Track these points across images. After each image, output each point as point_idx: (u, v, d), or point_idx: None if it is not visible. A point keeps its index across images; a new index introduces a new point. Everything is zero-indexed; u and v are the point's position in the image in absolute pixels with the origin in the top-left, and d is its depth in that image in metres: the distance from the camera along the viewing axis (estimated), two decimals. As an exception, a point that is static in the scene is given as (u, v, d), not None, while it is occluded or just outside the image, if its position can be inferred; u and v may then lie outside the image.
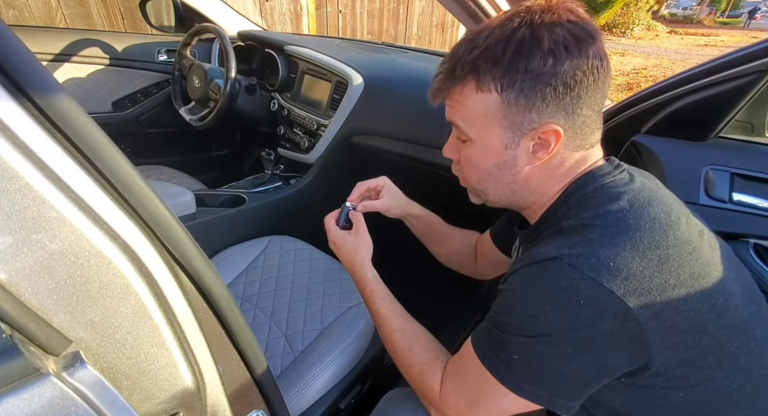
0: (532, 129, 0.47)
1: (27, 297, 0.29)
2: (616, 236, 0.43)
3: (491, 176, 0.53)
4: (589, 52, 0.43)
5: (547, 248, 0.45)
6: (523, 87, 0.44)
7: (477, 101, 0.47)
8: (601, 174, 0.50)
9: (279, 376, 0.77)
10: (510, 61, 0.44)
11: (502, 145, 0.49)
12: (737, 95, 0.73)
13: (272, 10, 3.07)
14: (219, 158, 1.89)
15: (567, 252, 0.43)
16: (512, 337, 0.45)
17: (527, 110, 0.46)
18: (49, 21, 2.02)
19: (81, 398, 0.30)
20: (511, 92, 0.45)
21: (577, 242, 0.44)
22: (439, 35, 4.94)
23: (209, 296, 0.40)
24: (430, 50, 1.57)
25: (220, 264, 1.00)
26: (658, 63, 7.51)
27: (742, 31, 15.51)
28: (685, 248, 0.44)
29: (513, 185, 0.53)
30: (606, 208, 0.46)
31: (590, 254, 0.42)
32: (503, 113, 0.47)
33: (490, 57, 0.45)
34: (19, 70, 0.27)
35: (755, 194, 0.75)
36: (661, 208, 0.46)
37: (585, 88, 0.45)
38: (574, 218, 0.47)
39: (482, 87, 0.46)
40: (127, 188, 0.33)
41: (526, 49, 0.43)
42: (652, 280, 0.41)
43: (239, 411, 0.48)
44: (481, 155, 0.51)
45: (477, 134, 0.50)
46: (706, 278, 0.44)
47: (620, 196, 0.47)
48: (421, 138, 1.11)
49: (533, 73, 0.44)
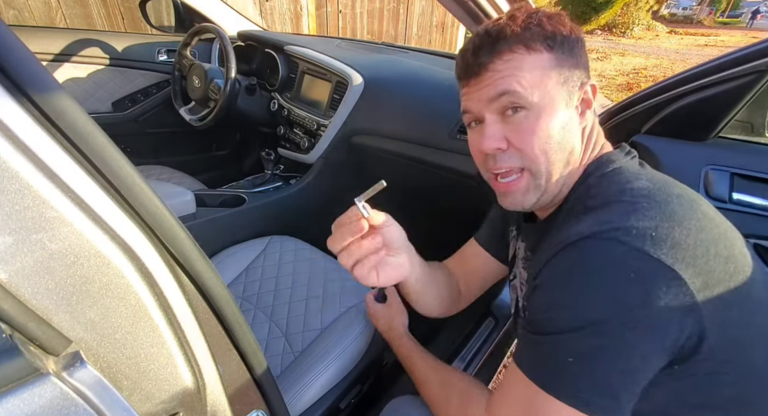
0: (580, 84, 0.50)
1: (27, 297, 0.29)
2: (648, 209, 0.41)
3: (557, 142, 0.49)
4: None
5: (577, 227, 0.43)
6: (564, 46, 0.48)
7: (532, 61, 0.48)
8: (616, 158, 0.51)
9: (279, 376, 0.77)
10: (551, 27, 0.48)
11: (564, 101, 0.49)
12: (737, 95, 0.73)
13: (272, 10, 3.08)
14: (219, 158, 1.89)
15: (603, 228, 0.40)
16: (559, 336, 0.41)
17: (574, 66, 0.49)
18: (49, 21, 2.02)
19: (81, 398, 0.30)
20: (559, 50, 0.48)
21: (610, 218, 0.41)
22: (439, 35, 4.94)
23: (209, 296, 0.40)
24: (430, 50, 1.57)
25: (220, 264, 1.00)
26: (658, 63, 7.51)
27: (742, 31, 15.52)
28: (712, 221, 0.43)
29: (571, 156, 0.51)
30: (630, 185, 0.45)
31: (630, 227, 0.39)
32: (557, 69, 0.48)
33: (532, 24, 0.48)
34: (19, 70, 0.28)
35: (755, 194, 0.75)
36: (680, 187, 0.46)
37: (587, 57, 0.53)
38: (598, 197, 0.46)
39: (532, 47, 0.48)
40: (127, 188, 0.33)
41: (557, 20, 0.49)
42: (696, 248, 0.39)
43: (239, 411, 0.48)
44: (545, 117, 0.48)
45: (538, 95, 0.48)
46: (733, 249, 0.42)
47: (640, 175, 0.47)
48: (421, 138, 1.11)
49: (569, 38, 0.49)
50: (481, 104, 0.51)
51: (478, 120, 0.53)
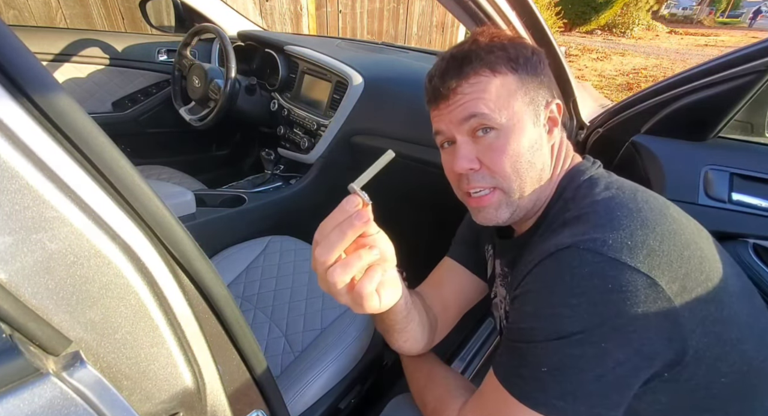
0: (545, 103, 0.53)
1: (27, 297, 0.29)
2: (622, 218, 0.43)
3: (527, 161, 0.50)
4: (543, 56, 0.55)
5: (557, 239, 0.44)
6: (527, 68, 0.51)
7: (497, 83, 0.50)
8: (586, 168, 0.53)
9: (279, 376, 0.77)
10: (513, 49, 0.51)
11: (531, 121, 0.51)
12: (737, 95, 0.73)
13: (272, 10, 3.08)
14: (219, 158, 1.89)
15: (581, 239, 0.41)
16: (538, 345, 0.41)
17: (539, 86, 0.52)
18: (49, 21, 2.02)
19: (81, 398, 0.30)
20: (523, 71, 0.50)
21: (587, 229, 0.43)
22: (439, 35, 4.94)
23: (209, 296, 0.40)
24: (430, 50, 1.57)
25: (220, 264, 1.00)
26: (658, 63, 7.51)
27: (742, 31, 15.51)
28: (681, 224, 0.45)
29: (542, 173, 0.52)
30: (601, 196, 0.47)
31: (606, 237, 0.41)
32: (523, 90, 0.51)
33: (496, 47, 0.50)
34: (19, 70, 0.28)
35: (755, 194, 0.75)
36: (647, 194, 0.48)
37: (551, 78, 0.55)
38: (574, 209, 0.48)
39: (497, 70, 0.50)
40: (127, 188, 0.33)
41: (518, 43, 0.52)
42: (672, 253, 0.41)
43: (239, 411, 0.48)
44: (514, 137, 0.49)
45: (506, 116, 0.49)
46: (705, 249, 0.45)
47: (608, 185, 0.49)
48: (421, 138, 1.11)
49: (531, 60, 0.51)
50: (451, 125, 0.52)
51: (450, 141, 0.55)
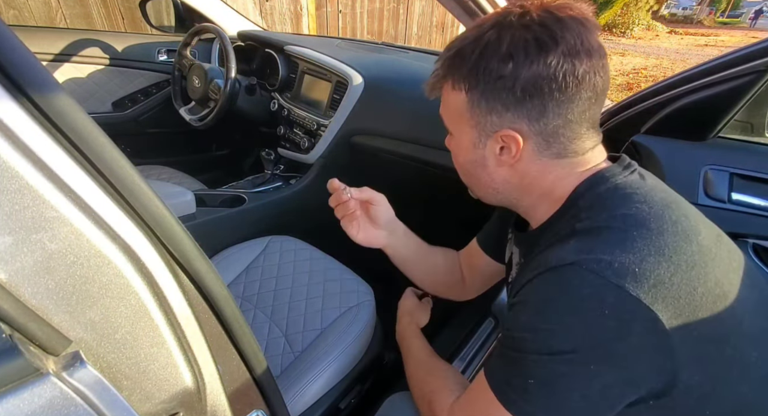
0: (494, 132, 0.47)
1: (27, 297, 0.29)
2: (638, 239, 0.40)
3: (468, 172, 0.54)
4: (550, 59, 0.41)
5: (561, 252, 0.42)
6: (485, 89, 0.45)
7: (452, 98, 0.49)
8: (612, 175, 0.47)
9: (279, 376, 0.77)
10: (474, 62, 0.44)
11: (472, 143, 0.50)
12: (737, 95, 0.73)
13: (272, 10, 3.08)
14: (219, 158, 1.89)
15: (586, 257, 0.40)
16: (528, 356, 0.41)
17: (488, 112, 0.46)
18: (49, 21, 2.02)
19: (81, 398, 0.30)
20: (475, 93, 0.46)
21: (595, 246, 0.40)
22: (439, 35, 4.94)
23: (209, 296, 0.40)
24: (430, 50, 1.57)
25: (220, 264, 1.00)
26: (658, 63, 7.51)
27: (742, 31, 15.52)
28: (708, 254, 0.41)
29: (493, 184, 0.52)
30: (623, 210, 0.43)
31: (613, 260, 0.39)
32: (470, 113, 0.48)
33: (460, 57, 0.46)
34: (19, 70, 0.28)
35: (754, 194, 0.75)
36: (680, 211, 0.43)
37: (549, 96, 0.43)
38: (587, 220, 0.44)
39: (455, 86, 0.48)
40: (127, 188, 0.33)
41: (488, 51, 0.43)
42: (681, 287, 0.38)
43: (239, 411, 0.48)
44: (458, 149, 0.53)
45: (453, 129, 0.53)
46: (726, 285, 0.42)
47: (636, 197, 0.44)
48: (421, 138, 1.11)
49: (492, 76, 0.44)
50: None
51: None
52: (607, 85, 0.46)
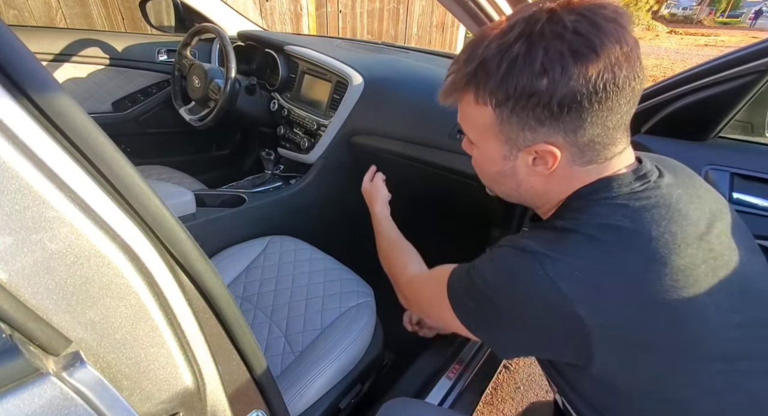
0: (527, 146, 0.46)
1: (27, 297, 0.29)
2: (595, 249, 0.42)
3: (495, 180, 0.54)
4: (590, 71, 0.39)
5: (532, 241, 0.46)
6: (516, 106, 0.42)
7: (476, 112, 0.47)
8: (619, 184, 0.46)
9: (279, 376, 0.77)
10: (503, 77, 0.41)
11: (501, 156, 0.49)
12: (737, 95, 0.73)
13: (272, 10, 3.08)
14: (219, 158, 1.89)
15: (542, 251, 0.44)
16: (476, 291, 0.49)
17: (521, 129, 0.44)
18: (49, 21, 2.02)
19: (81, 398, 0.30)
20: (504, 109, 0.44)
21: (555, 246, 0.44)
22: (439, 35, 4.94)
23: (209, 296, 0.40)
24: (430, 50, 1.57)
25: (220, 264, 1.00)
26: (658, 63, 7.51)
27: (742, 31, 15.52)
28: (672, 276, 0.40)
29: (519, 190, 0.53)
30: (604, 220, 0.44)
31: (561, 260, 0.43)
32: (498, 128, 0.46)
33: (485, 71, 0.43)
34: (19, 70, 0.28)
35: (755, 194, 0.75)
36: (668, 228, 0.42)
37: (587, 109, 0.41)
38: (568, 220, 0.46)
39: (479, 100, 0.45)
40: (127, 188, 0.33)
41: (519, 66, 0.40)
42: (615, 300, 0.41)
43: (239, 411, 0.48)
44: (484, 160, 0.53)
45: (478, 141, 0.51)
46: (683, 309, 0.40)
47: (624, 211, 0.43)
48: (421, 138, 1.11)
49: (525, 92, 0.41)
50: None
51: None
52: (644, 84, 0.44)
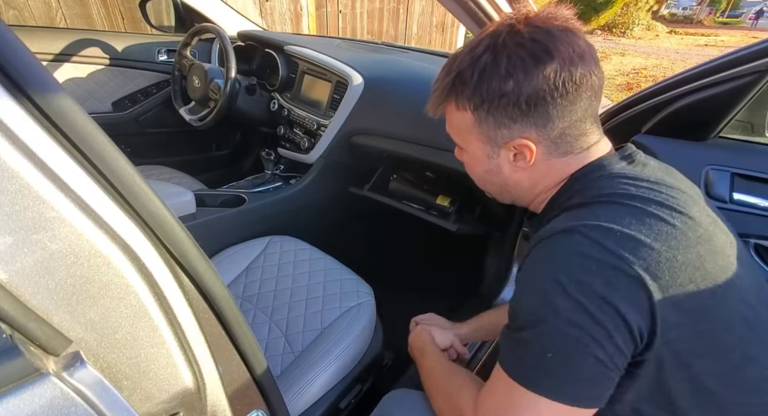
0: (505, 143, 0.51)
1: (27, 297, 0.29)
2: (622, 209, 0.44)
3: (484, 179, 0.59)
4: (548, 71, 0.45)
5: (553, 224, 0.47)
6: (490, 107, 0.49)
7: (458, 118, 0.53)
8: (609, 163, 0.50)
9: (279, 376, 0.77)
10: (476, 84, 0.48)
11: (485, 155, 0.54)
12: (737, 95, 0.73)
13: (272, 10, 3.08)
14: (219, 158, 1.89)
15: (575, 223, 0.44)
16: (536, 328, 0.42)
17: (497, 127, 0.50)
18: (49, 21, 2.02)
19: (81, 398, 0.30)
20: (481, 111, 0.50)
21: (583, 216, 0.45)
22: (439, 35, 4.94)
23: (209, 296, 0.40)
24: (430, 50, 1.57)
25: (220, 264, 1.00)
26: (658, 63, 7.51)
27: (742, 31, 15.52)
28: (694, 230, 0.44)
29: (506, 187, 0.57)
30: (612, 190, 0.47)
31: (598, 225, 0.43)
32: (479, 129, 0.52)
33: (461, 81, 0.50)
34: (19, 70, 0.27)
35: (756, 194, 0.75)
36: (670, 192, 0.47)
37: (552, 104, 0.47)
38: (578, 198, 0.49)
39: (459, 106, 0.52)
40: (127, 188, 0.33)
41: (488, 73, 0.47)
42: (661, 254, 0.41)
43: (239, 411, 0.48)
44: (472, 162, 0.58)
45: (464, 145, 0.56)
46: (711, 264, 0.43)
47: (627, 180, 0.48)
48: (421, 138, 1.11)
49: (496, 95, 0.47)
50: None
51: None
52: (603, 81, 0.50)
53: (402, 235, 1.52)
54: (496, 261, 1.35)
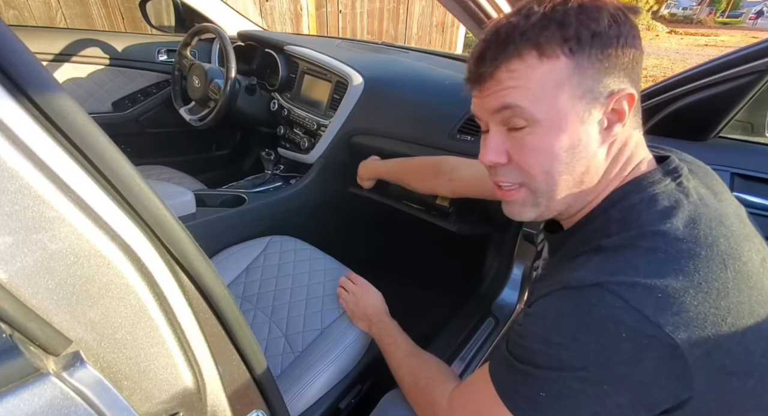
0: (608, 95, 0.42)
1: (27, 297, 0.29)
2: (666, 263, 0.38)
3: (564, 163, 0.44)
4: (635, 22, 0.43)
5: (583, 272, 0.40)
6: (593, 49, 0.40)
7: (544, 70, 0.41)
8: (651, 182, 0.44)
9: (279, 376, 0.77)
10: (577, 23, 0.40)
11: (578, 118, 0.42)
12: (737, 95, 0.73)
13: (272, 10, 3.08)
14: (219, 158, 1.89)
15: (608, 279, 0.38)
16: (539, 370, 0.40)
17: (602, 74, 0.41)
18: (49, 21, 2.02)
19: (81, 398, 0.30)
20: (582, 55, 0.40)
21: (619, 268, 0.39)
22: (439, 35, 4.94)
23: (209, 296, 0.40)
24: (430, 50, 1.57)
25: (220, 264, 1.00)
26: (658, 63, 7.51)
27: (742, 31, 15.52)
28: (746, 282, 0.39)
29: (584, 177, 0.45)
30: (655, 228, 0.40)
31: (636, 283, 0.37)
32: (577, 79, 0.41)
33: (552, 22, 0.40)
34: (19, 70, 0.27)
35: (756, 194, 0.75)
36: (720, 230, 0.40)
37: (639, 54, 0.42)
38: (615, 236, 0.42)
39: (547, 53, 0.41)
40: (127, 188, 0.33)
41: (590, 11, 0.40)
42: (708, 317, 0.36)
43: (239, 411, 0.48)
44: (554, 136, 0.43)
45: (547, 110, 0.42)
46: (763, 317, 0.39)
47: (672, 212, 0.41)
48: (422, 138, 1.11)
49: (602, 35, 0.40)
50: (486, 113, 0.46)
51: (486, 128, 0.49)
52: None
53: (402, 235, 1.52)
54: (496, 261, 1.34)
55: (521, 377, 0.42)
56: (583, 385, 0.38)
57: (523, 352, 0.43)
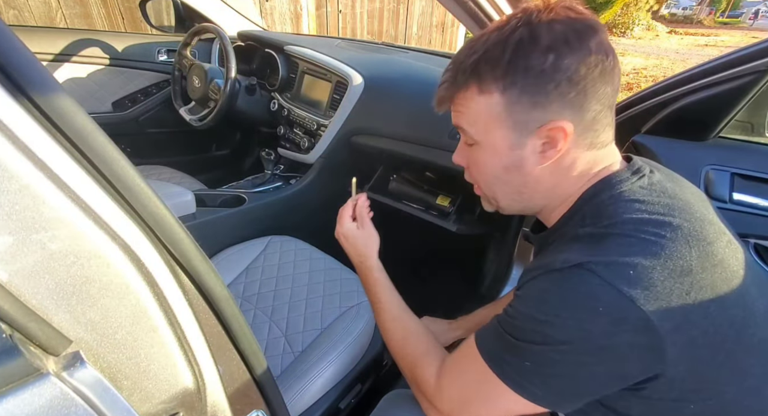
0: (538, 127, 0.46)
1: (27, 297, 0.29)
2: (635, 245, 0.42)
3: (499, 179, 0.52)
4: (591, 45, 0.43)
5: (564, 255, 0.44)
6: (525, 86, 0.44)
7: (480, 104, 0.47)
8: (618, 181, 0.48)
9: (279, 376, 0.77)
10: (509, 61, 0.44)
11: (508, 146, 0.48)
12: (737, 95, 0.73)
13: (272, 10, 3.08)
14: (219, 158, 1.89)
15: (586, 259, 0.42)
16: (525, 344, 0.44)
17: (532, 108, 0.45)
18: (49, 21, 2.02)
19: (81, 398, 0.30)
20: (513, 91, 0.45)
21: (595, 251, 0.43)
22: (439, 35, 4.94)
23: (209, 296, 0.40)
24: (430, 50, 1.57)
25: (220, 264, 1.00)
26: (658, 63, 7.52)
27: (742, 31, 15.52)
28: (710, 260, 0.42)
29: (522, 188, 0.52)
30: (623, 217, 0.44)
31: (609, 262, 0.41)
32: (507, 113, 0.46)
33: (490, 59, 0.45)
34: (19, 70, 0.27)
35: (755, 194, 0.75)
36: (683, 216, 0.44)
37: (591, 83, 0.43)
38: (590, 226, 0.46)
39: (484, 89, 0.46)
40: (127, 188, 0.33)
41: (524, 47, 0.43)
42: (673, 292, 0.40)
43: (239, 411, 0.48)
44: (489, 157, 0.51)
45: (482, 136, 0.50)
46: (727, 292, 0.42)
47: (638, 204, 0.45)
48: (421, 138, 1.11)
49: (534, 71, 0.43)
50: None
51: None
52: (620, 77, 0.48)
53: (402, 235, 1.52)
54: (496, 261, 1.34)
55: (508, 347, 0.46)
56: (563, 356, 0.42)
57: (512, 329, 0.46)
